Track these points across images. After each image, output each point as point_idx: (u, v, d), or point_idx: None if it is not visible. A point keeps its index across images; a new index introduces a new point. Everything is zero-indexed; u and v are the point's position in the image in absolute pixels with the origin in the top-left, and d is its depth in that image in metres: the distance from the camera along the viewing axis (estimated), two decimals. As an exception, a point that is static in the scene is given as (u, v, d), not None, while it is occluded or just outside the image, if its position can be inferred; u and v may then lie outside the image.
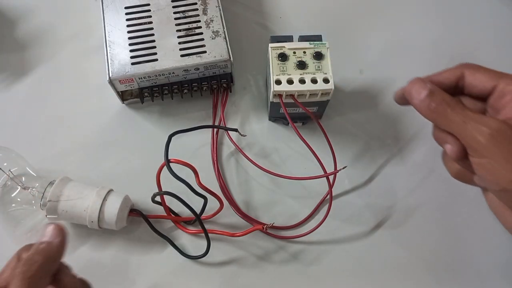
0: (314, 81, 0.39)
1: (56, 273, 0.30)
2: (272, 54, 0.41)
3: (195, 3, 0.46)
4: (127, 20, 0.45)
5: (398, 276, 0.40)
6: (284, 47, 0.41)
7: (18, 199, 0.39)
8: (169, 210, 0.41)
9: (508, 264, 0.41)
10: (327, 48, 0.41)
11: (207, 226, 0.38)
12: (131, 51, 0.43)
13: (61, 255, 0.30)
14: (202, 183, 0.35)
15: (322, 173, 0.41)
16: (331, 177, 0.41)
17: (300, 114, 0.44)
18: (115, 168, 0.44)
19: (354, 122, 0.47)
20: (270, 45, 0.41)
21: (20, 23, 0.52)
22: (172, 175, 0.34)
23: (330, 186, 0.41)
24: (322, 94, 0.40)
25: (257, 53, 0.49)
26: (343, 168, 0.40)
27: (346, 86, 0.49)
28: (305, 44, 0.41)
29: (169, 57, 0.42)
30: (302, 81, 0.39)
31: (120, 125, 0.47)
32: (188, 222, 0.42)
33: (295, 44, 0.41)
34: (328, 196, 0.42)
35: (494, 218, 0.42)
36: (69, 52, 0.50)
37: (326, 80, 0.39)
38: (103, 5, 0.45)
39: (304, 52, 0.41)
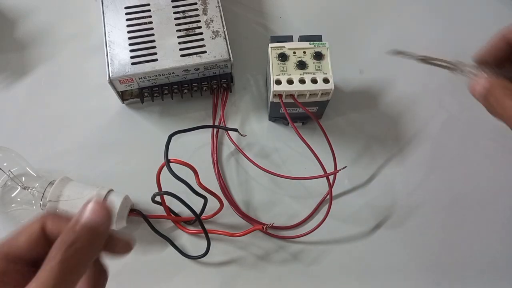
0: (314, 81, 0.39)
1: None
2: (272, 54, 0.41)
3: (195, 3, 0.46)
4: (127, 20, 0.44)
5: (398, 276, 0.40)
6: (284, 47, 0.41)
7: (18, 199, 0.39)
8: (169, 210, 0.41)
9: (508, 264, 0.41)
10: (327, 48, 0.41)
11: (207, 226, 0.38)
12: (131, 51, 0.43)
13: (103, 241, 0.24)
14: (202, 183, 0.35)
15: (322, 173, 0.41)
16: (331, 177, 0.41)
17: (300, 114, 0.44)
18: (115, 168, 0.44)
19: (354, 122, 0.47)
20: (270, 45, 0.41)
21: (20, 23, 0.52)
22: (172, 175, 0.34)
23: (330, 186, 0.41)
24: (322, 94, 0.40)
25: (257, 53, 0.49)
26: (343, 168, 0.40)
27: (346, 86, 0.49)
28: (305, 44, 0.41)
29: (169, 57, 0.42)
30: (302, 81, 0.39)
31: (120, 125, 0.47)
32: (188, 222, 0.42)
33: (295, 44, 0.41)
34: (328, 196, 0.42)
35: (495, 218, 0.43)
36: (69, 52, 0.50)
37: (326, 80, 0.39)
38: (103, 5, 0.45)
39: (304, 52, 0.41)
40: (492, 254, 0.41)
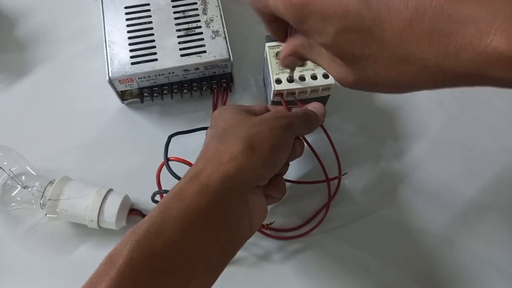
0: (314, 77, 0.39)
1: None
2: (270, 54, 0.40)
3: (195, 3, 0.46)
4: (127, 20, 0.45)
5: (399, 276, 0.40)
6: (281, 45, 0.41)
7: (18, 198, 0.39)
8: (169, 209, 0.41)
9: (508, 264, 0.41)
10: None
11: (207, 226, 0.38)
12: (131, 51, 0.43)
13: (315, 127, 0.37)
14: (202, 182, 0.35)
15: (322, 171, 0.41)
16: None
17: (300, 114, 0.44)
18: (115, 167, 0.44)
19: (354, 121, 0.47)
20: (267, 44, 0.41)
21: (20, 23, 0.52)
22: (172, 174, 0.34)
23: (330, 187, 0.41)
24: (322, 89, 0.40)
25: (257, 53, 0.49)
26: (344, 175, 0.40)
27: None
28: (304, 42, 0.41)
29: (169, 57, 0.42)
30: (302, 78, 0.39)
31: (120, 125, 0.47)
32: (188, 221, 0.42)
33: (293, 42, 0.41)
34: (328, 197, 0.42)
35: (495, 218, 0.42)
36: (69, 52, 0.50)
37: (325, 76, 0.39)
38: (103, 5, 0.46)
39: (303, 50, 0.41)
40: (493, 254, 0.41)
